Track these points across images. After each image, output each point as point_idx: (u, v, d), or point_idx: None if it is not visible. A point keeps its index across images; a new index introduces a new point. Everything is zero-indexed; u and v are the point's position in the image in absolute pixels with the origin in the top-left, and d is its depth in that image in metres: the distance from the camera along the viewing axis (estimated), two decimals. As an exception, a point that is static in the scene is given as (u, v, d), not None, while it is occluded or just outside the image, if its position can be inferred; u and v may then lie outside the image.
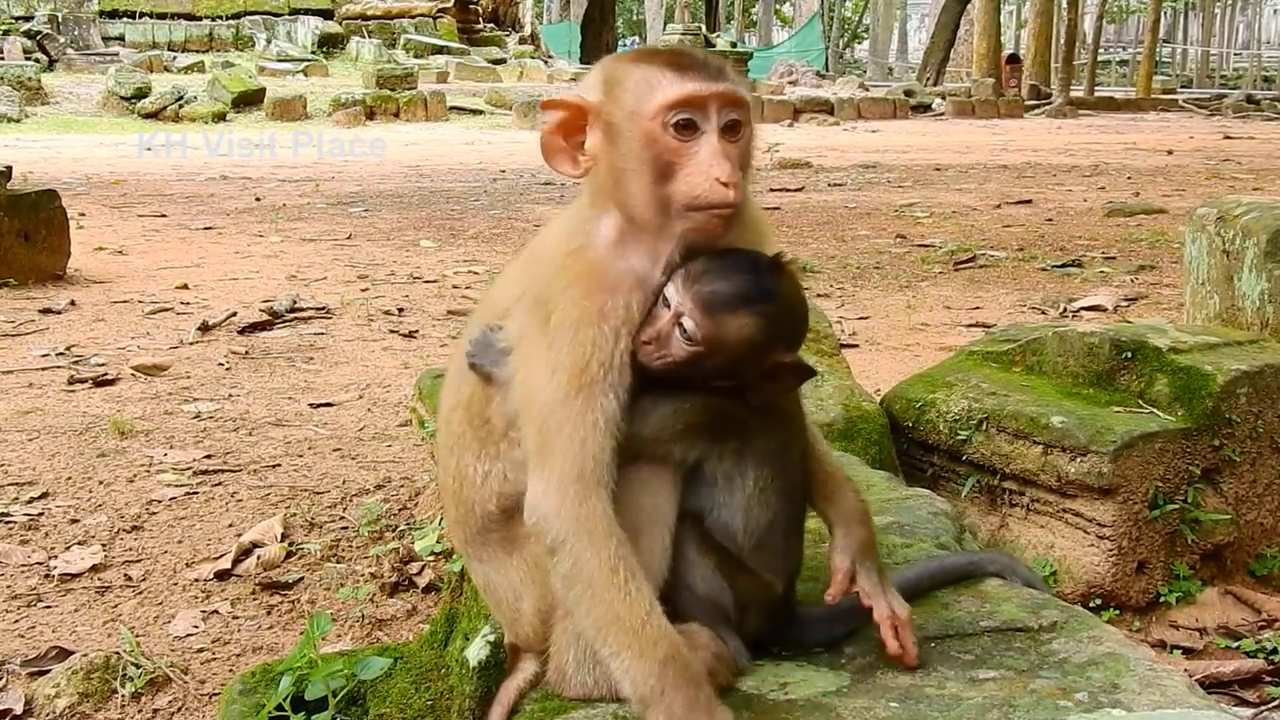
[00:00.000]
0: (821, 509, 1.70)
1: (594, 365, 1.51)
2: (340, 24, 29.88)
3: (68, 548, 3.31)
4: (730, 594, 1.60)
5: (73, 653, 2.71)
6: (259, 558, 3.25)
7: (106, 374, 5.03)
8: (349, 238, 9.00)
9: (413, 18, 30.66)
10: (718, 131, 1.53)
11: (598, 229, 1.58)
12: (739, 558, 1.60)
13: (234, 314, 6.12)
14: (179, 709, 2.58)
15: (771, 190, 11.85)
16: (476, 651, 1.88)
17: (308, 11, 29.69)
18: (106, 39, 27.67)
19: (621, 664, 1.46)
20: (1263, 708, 2.40)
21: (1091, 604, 2.75)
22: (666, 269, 1.57)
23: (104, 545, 3.33)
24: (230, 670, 2.71)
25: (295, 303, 6.39)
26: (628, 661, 1.45)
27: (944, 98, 28.94)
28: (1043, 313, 6.22)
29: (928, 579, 1.84)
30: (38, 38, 25.72)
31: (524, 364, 1.57)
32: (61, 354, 5.39)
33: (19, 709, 2.53)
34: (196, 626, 2.92)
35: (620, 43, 43.77)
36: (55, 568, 3.18)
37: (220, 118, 21.58)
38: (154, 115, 21.56)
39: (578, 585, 1.49)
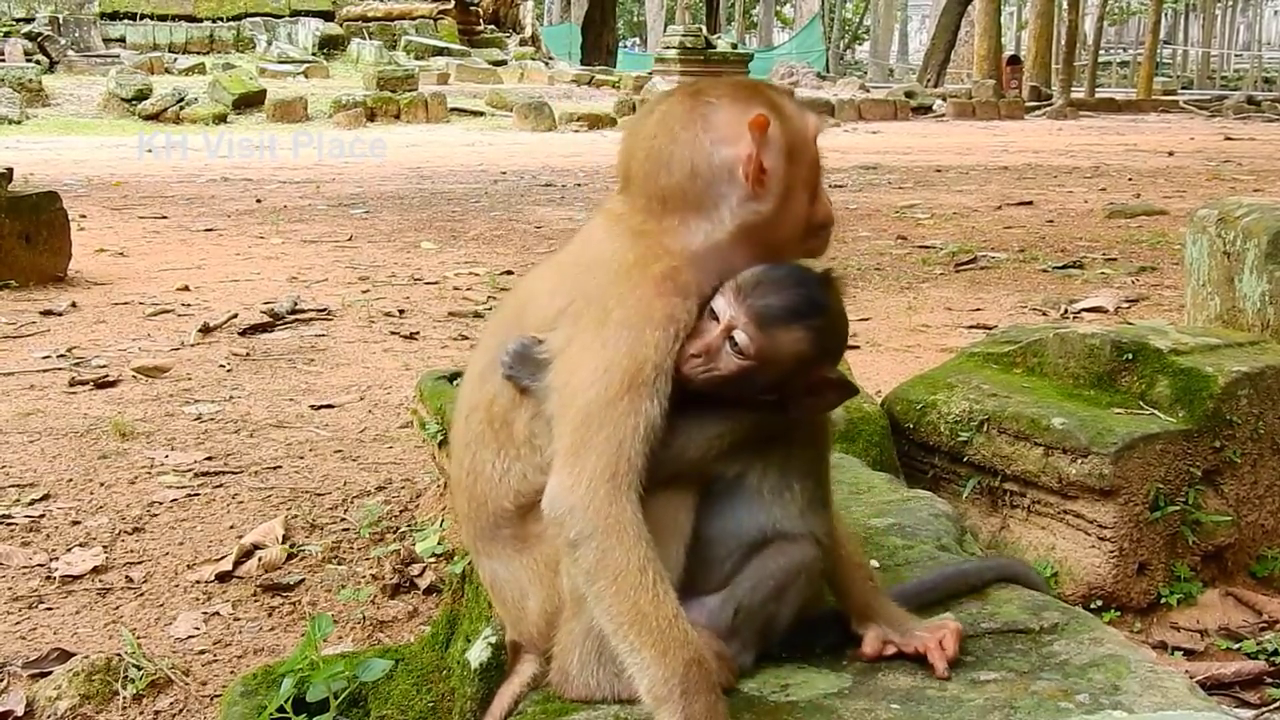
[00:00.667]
0: (835, 591, 1.71)
1: (649, 368, 1.51)
2: (341, 25, 29.88)
3: (69, 549, 3.32)
4: (774, 602, 1.60)
5: (74, 654, 2.71)
6: (260, 559, 3.25)
7: (107, 376, 5.03)
8: (350, 239, 9.01)
9: (413, 19, 30.66)
10: None
11: (668, 239, 1.58)
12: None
13: (235, 315, 6.12)
14: (180, 710, 2.58)
15: (772, 192, 11.82)
16: (478, 653, 1.88)
17: (308, 13, 29.69)
18: (107, 41, 27.66)
19: (640, 661, 1.46)
20: (1264, 709, 2.40)
21: (1092, 605, 2.75)
22: (726, 285, 1.58)
23: (105, 547, 3.34)
24: (231, 672, 2.71)
25: (296, 304, 6.39)
26: (648, 659, 1.45)
27: (945, 99, 28.94)
28: (1043, 314, 6.22)
29: (945, 585, 1.83)
30: (38, 39, 25.72)
31: (569, 365, 1.56)
32: (62, 356, 5.39)
33: (20, 711, 2.53)
34: (198, 628, 2.92)
35: (621, 44, 43.80)
36: (56, 569, 3.19)
37: (221, 119, 21.57)
38: (155, 117, 21.54)
39: (602, 579, 1.48)
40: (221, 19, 28.86)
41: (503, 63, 30.00)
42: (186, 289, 6.96)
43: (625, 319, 1.53)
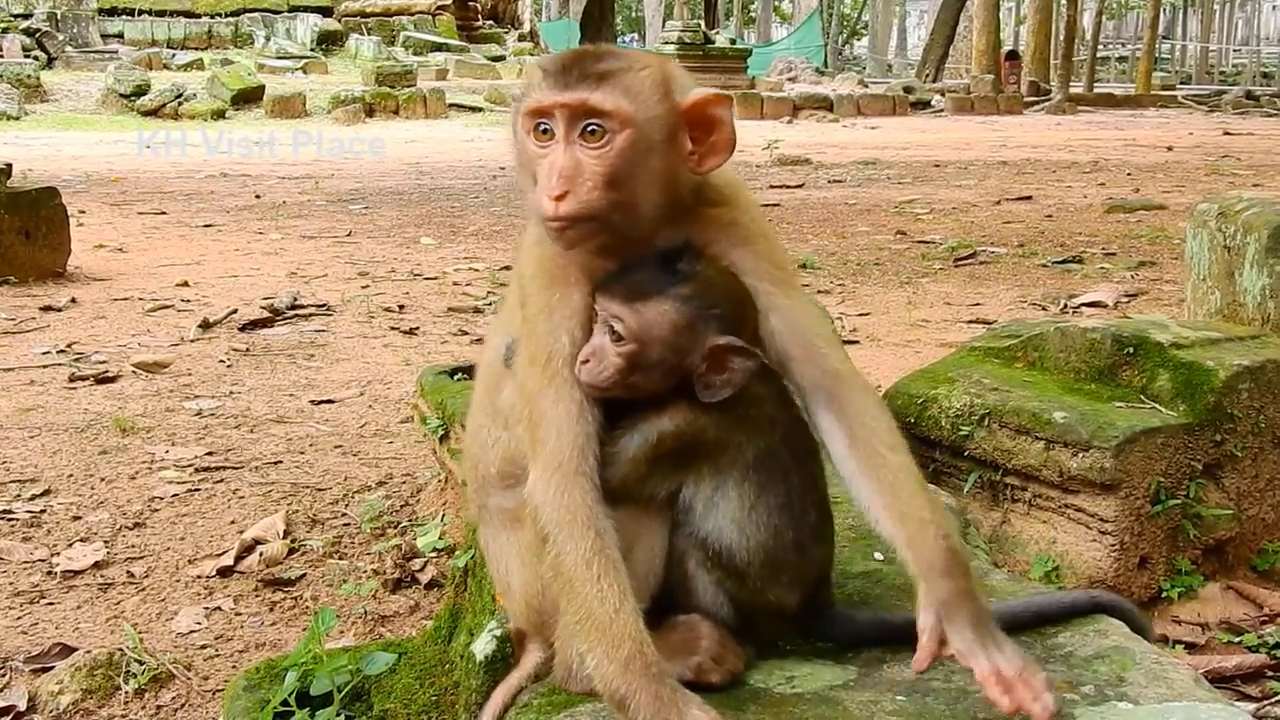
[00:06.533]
0: (901, 554, 1.56)
1: (555, 358, 1.54)
2: (339, 21, 29.86)
3: (70, 545, 3.32)
4: (731, 608, 1.59)
5: (76, 649, 2.71)
6: (261, 554, 3.25)
7: (108, 371, 5.03)
8: (349, 235, 9.00)
9: (412, 15, 30.64)
10: (566, 140, 1.50)
11: None
12: (743, 576, 1.57)
13: (235, 311, 6.12)
14: (182, 705, 2.58)
15: (772, 187, 11.85)
16: (483, 646, 1.88)
17: (307, 9, 29.67)
18: (105, 36, 27.65)
19: (594, 660, 1.46)
20: (1265, 702, 2.41)
21: (1094, 599, 2.75)
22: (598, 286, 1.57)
23: (106, 542, 3.34)
24: (233, 667, 2.71)
25: (296, 300, 6.39)
26: (598, 658, 1.45)
27: (943, 94, 28.93)
28: (1043, 309, 6.21)
29: (1034, 612, 1.71)
30: (37, 35, 25.71)
31: (518, 352, 1.62)
32: (62, 351, 5.39)
33: (22, 705, 2.54)
34: (199, 623, 2.93)
35: (619, 40, 43.76)
36: (58, 565, 3.19)
37: (220, 115, 21.57)
38: (153, 113, 21.55)
39: (559, 578, 1.50)
40: (220, 14, 28.84)
41: (501, 58, 29.98)
42: (186, 285, 6.96)
43: (527, 311, 1.58)
